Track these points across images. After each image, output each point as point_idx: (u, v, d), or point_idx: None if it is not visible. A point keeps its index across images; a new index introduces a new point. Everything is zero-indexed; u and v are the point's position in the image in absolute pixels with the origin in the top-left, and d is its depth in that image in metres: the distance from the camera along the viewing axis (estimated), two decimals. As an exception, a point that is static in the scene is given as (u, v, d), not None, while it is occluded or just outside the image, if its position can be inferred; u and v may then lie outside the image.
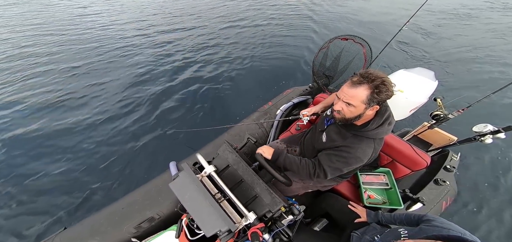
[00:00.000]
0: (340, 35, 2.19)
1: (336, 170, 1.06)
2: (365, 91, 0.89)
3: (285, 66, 4.41)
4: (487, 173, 2.56)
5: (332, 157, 1.06)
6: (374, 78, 0.88)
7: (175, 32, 6.05)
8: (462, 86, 3.92)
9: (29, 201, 2.26)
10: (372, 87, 0.88)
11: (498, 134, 1.27)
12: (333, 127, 1.12)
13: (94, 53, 4.96)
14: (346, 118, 0.99)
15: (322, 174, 1.08)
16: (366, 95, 0.90)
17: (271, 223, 0.92)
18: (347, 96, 0.93)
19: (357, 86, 0.90)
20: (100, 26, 6.63)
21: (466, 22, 6.76)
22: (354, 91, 0.91)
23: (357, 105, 0.92)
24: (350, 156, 1.02)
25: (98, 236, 1.31)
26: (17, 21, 7.10)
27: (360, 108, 0.93)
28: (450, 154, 1.84)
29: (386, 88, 0.88)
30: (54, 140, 2.85)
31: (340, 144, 1.05)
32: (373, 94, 0.89)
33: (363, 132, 1.00)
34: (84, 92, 3.69)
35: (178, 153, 2.65)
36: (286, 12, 7.41)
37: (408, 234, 0.82)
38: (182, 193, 0.86)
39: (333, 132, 1.10)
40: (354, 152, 1.01)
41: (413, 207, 1.39)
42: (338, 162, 1.05)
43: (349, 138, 1.03)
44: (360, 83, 0.89)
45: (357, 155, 1.01)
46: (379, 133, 0.99)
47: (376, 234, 0.94)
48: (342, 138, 1.05)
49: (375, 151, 1.05)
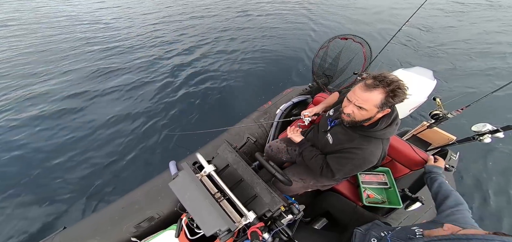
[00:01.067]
0: (339, 35, 2.19)
1: (344, 172, 1.06)
2: (379, 95, 0.86)
3: (284, 67, 4.39)
4: (486, 172, 2.57)
5: (341, 160, 1.04)
6: (390, 81, 0.85)
7: (171, 33, 5.99)
8: (462, 85, 3.93)
9: (27, 202, 2.26)
10: (388, 92, 0.85)
11: (497, 134, 1.27)
12: (339, 128, 1.11)
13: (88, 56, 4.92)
14: (355, 121, 0.97)
15: (329, 174, 1.07)
16: (380, 99, 0.87)
17: (271, 222, 0.92)
18: (360, 99, 0.90)
19: (371, 90, 0.87)
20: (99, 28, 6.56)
21: (466, 20, 6.77)
22: (368, 95, 0.87)
23: (370, 109, 0.90)
24: (359, 158, 1.00)
25: (98, 235, 1.31)
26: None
27: (372, 111, 0.90)
28: (449, 153, 1.84)
29: (402, 92, 0.86)
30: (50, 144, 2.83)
31: (348, 146, 1.03)
32: (387, 98, 0.86)
33: (371, 133, 0.97)
34: (83, 91, 3.68)
35: (178, 154, 2.66)
36: (283, 13, 7.37)
37: (422, 232, 0.77)
38: (181, 193, 0.86)
39: (340, 134, 1.08)
40: (362, 153, 0.99)
41: (412, 207, 1.39)
42: (347, 165, 1.03)
43: (356, 139, 1.01)
44: (375, 86, 0.86)
45: (366, 156, 0.99)
46: (386, 134, 0.97)
47: (382, 231, 0.90)
48: (349, 140, 1.03)
49: (383, 151, 1.02)
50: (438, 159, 1.18)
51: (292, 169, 1.42)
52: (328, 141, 1.13)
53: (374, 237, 0.89)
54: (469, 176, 2.51)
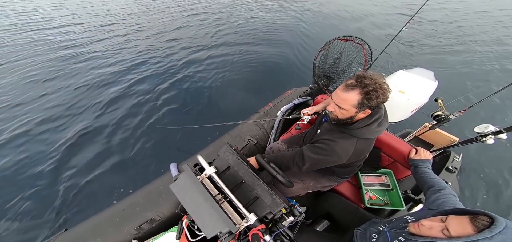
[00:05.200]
0: (340, 36, 2.19)
1: (313, 160, 1.07)
2: (356, 96, 0.90)
3: (282, 68, 4.38)
4: (489, 174, 2.55)
5: (313, 148, 1.08)
6: (368, 83, 0.88)
7: (166, 34, 5.85)
8: (463, 86, 3.91)
9: (25, 204, 2.25)
10: (363, 93, 0.89)
11: (500, 135, 1.26)
12: (327, 123, 1.16)
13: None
14: (338, 119, 1.01)
15: (301, 162, 1.09)
16: (357, 100, 0.90)
17: (272, 224, 0.91)
18: (338, 99, 0.95)
19: (349, 91, 0.91)
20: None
21: (468, 20, 6.76)
22: (346, 95, 0.92)
23: (348, 109, 0.94)
24: (328, 149, 1.03)
25: (99, 237, 1.31)
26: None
27: (351, 111, 0.95)
28: (452, 155, 1.82)
29: (378, 94, 0.88)
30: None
31: (325, 137, 1.07)
32: (363, 100, 0.90)
33: (348, 130, 1.01)
34: (77, 93, 3.64)
35: (177, 155, 2.65)
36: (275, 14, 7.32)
37: (414, 218, 0.84)
38: (182, 195, 0.86)
39: (325, 128, 1.13)
40: (333, 145, 1.02)
41: (415, 208, 1.38)
42: (316, 154, 1.06)
43: (334, 133, 1.05)
44: (353, 87, 0.90)
45: (336, 149, 1.02)
46: (364, 133, 0.99)
47: (379, 225, 0.95)
48: (329, 133, 1.07)
49: (358, 151, 1.04)
50: (419, 150, 1.24)
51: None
52: (317, 133, 1.19)
53: (373, 232, 0.93)
54: (471, 177, 2.49)
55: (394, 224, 0.90)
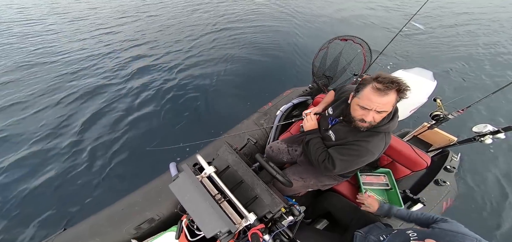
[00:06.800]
0: (339, 36, 2.19)
1: (346, 163, 1.09)
2: (394, 96, 0.93)
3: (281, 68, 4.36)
4: (488, 173, 2.56)
5: (343, 150, 1.09)
6: (399, 82, 0.91)
7: (158, 40, 5.56)
8: (462, 86, 3.93)
9: (23, 205, 2.23)
10: (397, 92, 0.93)
11: (498, 134, 1.27)
12: (340, 126, 1.15)
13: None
14: (375, 124, 1.01)
15: (330, 166, 1.10)
16: (395, 99, 0.94)
17: (272, 224, 0.91)
18: (380, 105, 0.94)
19: (388, 94, 0.92)
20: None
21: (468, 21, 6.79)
22: (387, 99, 0.93)
23: (389, 110, 0.97)
24: (363, 150, 1.05)
25: (98, 237, 1.31)
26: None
27: (389, 111, 0.98)
28: (450, 154, 1.83)
29: (408, 90, 0.93)
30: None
31: (353, 139, 1.08)
32: (398, 98, 0.95)
33: (377, 128, 1.03)
34: (71, 97, 3.56)
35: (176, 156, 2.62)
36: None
37: (417, 236, 0.79)
38: (182, 194, 0.86)
39: (342, 131, 1.13)
40: (366, 146, 1.05)
41: (413, 208, 1.39)
42: (350, 155, 1.08)
43: (361, 134, 1.06)
44: (390, 89, 0.91)
45: (370, 148, 1.05)
46: (390, 127, 1.04)
47: (381, 234, 0.94)
48: (353, 135, 1.08)
49: (386, 144, 1.08)
50: (373, 202, 1.21)
51: (293, 169, 1.42)
52: (331, 137, 1.17)
53: (373, 241, 0.92)
54: (469, 177, 2.50)
55: (395, 238, 0.86)
